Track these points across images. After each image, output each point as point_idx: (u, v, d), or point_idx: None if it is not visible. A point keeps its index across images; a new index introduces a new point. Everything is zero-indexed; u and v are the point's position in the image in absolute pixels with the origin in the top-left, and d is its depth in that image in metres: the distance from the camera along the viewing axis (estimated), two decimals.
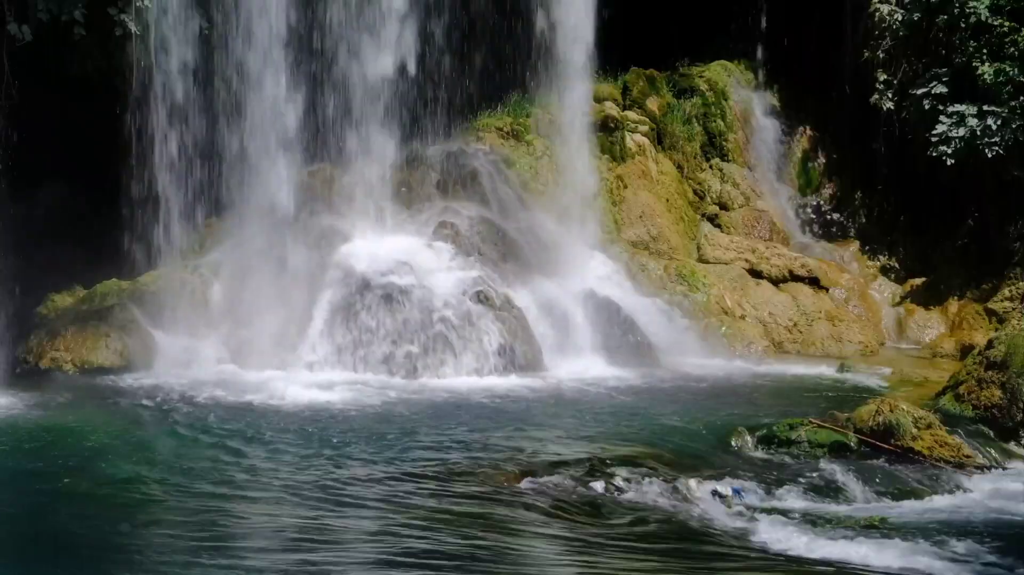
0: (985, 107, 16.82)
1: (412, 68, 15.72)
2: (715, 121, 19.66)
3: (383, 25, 15.45)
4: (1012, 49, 16.92)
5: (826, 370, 14.94)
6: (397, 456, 9.86)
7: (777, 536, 8.12)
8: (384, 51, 15.44)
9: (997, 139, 16.68)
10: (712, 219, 18.89)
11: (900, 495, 9.42)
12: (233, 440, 10.26)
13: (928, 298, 18.20)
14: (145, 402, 11.76)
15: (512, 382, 13.49)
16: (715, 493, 9.16)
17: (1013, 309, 16.63)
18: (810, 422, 10.76)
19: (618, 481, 9.23)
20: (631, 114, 19.01)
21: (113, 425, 10.79)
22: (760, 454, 10.47)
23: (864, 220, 19.71)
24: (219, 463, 9.47)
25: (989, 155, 16.74)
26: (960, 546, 8.00)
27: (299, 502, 8.51)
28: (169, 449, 9.94)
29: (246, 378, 12.86)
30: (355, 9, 15.35)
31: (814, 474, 9.81)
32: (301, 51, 15.14)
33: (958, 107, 17.10)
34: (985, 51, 17.15)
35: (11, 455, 9.72)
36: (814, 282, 17.65)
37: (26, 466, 9.43)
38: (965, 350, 15.41)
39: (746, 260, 17.78)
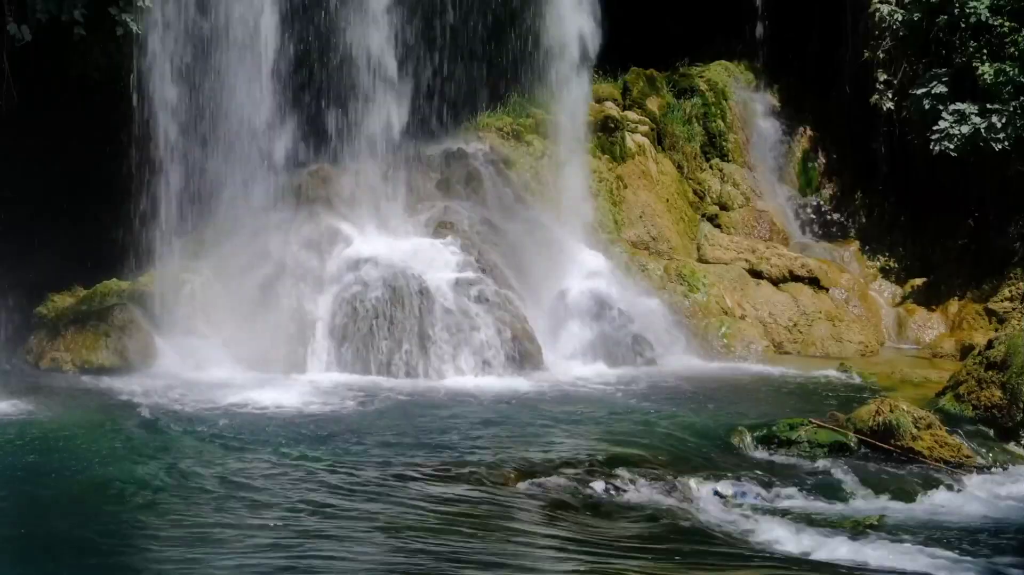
0: (986, 105, 16.83)
1: (412, 68, 15.73)
2: (715, 121, 19.66)
3: (383, 25, 15.45)
4: (1012, 49, 16.92)
5: (826, 370, 14.94)
6: (396, 456, 9.86)
7: (777, 536, 8.12)
8: (384, 50, 15.45)
9: (1002, 135, 16.68)
10: (712, 219, 18.88)
11: (900, 495, 9.42)
12: (232, 441, 10.26)
13: (928, 298, 18.20)
14: (145, 403, 11.74)
15: (512, 382, 13.49)
16: (715, 493, 9.17)
17: (1013, 309, 16.63)
18: (810, 422, 10.76)
19: (618, 481, 9.23)
20: (631, 114, 19.01)
21: (112, 426, 10.78)
22: (760, 454, 10.47)
23: (864, 220, 19.70)
24: (218, 464, 9.47)
25: (996, 148, 16.73)
26: (960, 546, 8.00)
27: (298, 503, 8.51)
28: (168, 450, 9.93)
29: (246, 379, 12.85)
30: (354, 8, 15.35)
31: (814, 474, 9.82)
32: (300, 51, 15.16)
33: (959, 106, 17.10)
34: (985, 51, 17.14)
35: (10, 456, 9.71)
36: (814, 282, 17.64)
37: (25, 467, 9.42)
38: (965, 350, 15.41)
39: (746, 260, 17.78)
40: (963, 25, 17.38)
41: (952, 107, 17.15)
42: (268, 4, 14.50)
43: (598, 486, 9.14)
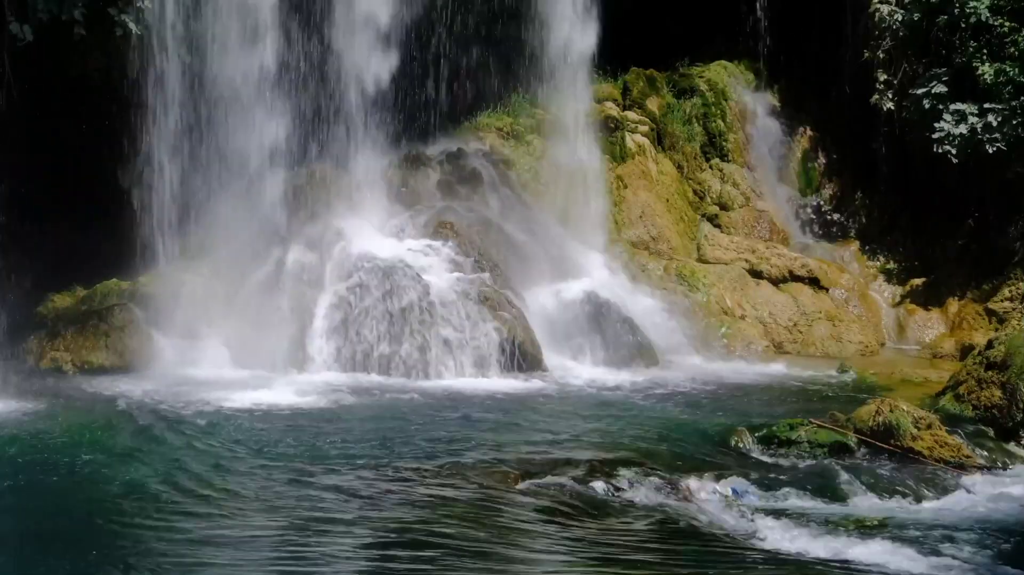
0: (986, 105, 16.83)
1: (412, 68, 15.73)
2: (715, 121, 19.66)
3: (383, 24, 15.45)
4: (1012, 49, 16.92)
5: (826, 370, 14.94)
6: (396, 457, 9.86)
7: (777, 536, 8.13)
8: (383, 51, 15.45)
9: (999, 135, 16.69)
10: (712, 219, 18.88)
11: (900, 495, 9.42)
12: (231, 441, 10.26)
13: (928, 298, 18.19)
14: (144, 403, 11.74)
15: (512, 383, 13.49)
16: (716, 493, 9.17)
17: (1013, 309, 16.63)
18: (810, 422, 10.76)
19: (618, 481, 9.23)
20: (631, 114, 19.01)
21: (112, 426, 10.78)
22: (760, 454, 10.47)
23: (864, 220, 19.70)
24: (218, 463, 9.48)
25: (990, 151, 16.74)
26: (960, 546, 8.00)
27: (298, 503, 8.51)
28: (168, 451, 9.93)
29: (245, 379, 12.86)
30: (354, 8, 15.35)
31: (814, 474, 9.81)
32: (300, 51, 15.16)
33: (959, 106, 17.10)
34: (985, 51, 17.15)
35: (10, 455, 9.72)
36: (814, 282, 17.64)
37: (25, 466, 9.43)
38: (965, 350, 15.40)
39: (746, 260, 17.78)
40: (963, 25, 17.38)
41: (952, 107, 17.15)
42: (267, 5, 14.50)
43: (598, 486, 9.14)
